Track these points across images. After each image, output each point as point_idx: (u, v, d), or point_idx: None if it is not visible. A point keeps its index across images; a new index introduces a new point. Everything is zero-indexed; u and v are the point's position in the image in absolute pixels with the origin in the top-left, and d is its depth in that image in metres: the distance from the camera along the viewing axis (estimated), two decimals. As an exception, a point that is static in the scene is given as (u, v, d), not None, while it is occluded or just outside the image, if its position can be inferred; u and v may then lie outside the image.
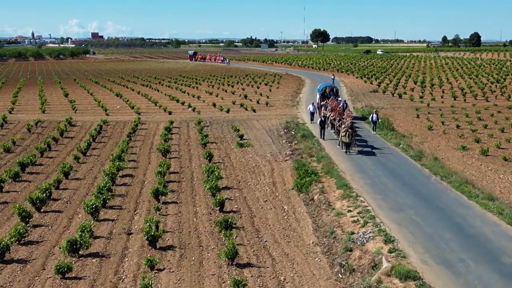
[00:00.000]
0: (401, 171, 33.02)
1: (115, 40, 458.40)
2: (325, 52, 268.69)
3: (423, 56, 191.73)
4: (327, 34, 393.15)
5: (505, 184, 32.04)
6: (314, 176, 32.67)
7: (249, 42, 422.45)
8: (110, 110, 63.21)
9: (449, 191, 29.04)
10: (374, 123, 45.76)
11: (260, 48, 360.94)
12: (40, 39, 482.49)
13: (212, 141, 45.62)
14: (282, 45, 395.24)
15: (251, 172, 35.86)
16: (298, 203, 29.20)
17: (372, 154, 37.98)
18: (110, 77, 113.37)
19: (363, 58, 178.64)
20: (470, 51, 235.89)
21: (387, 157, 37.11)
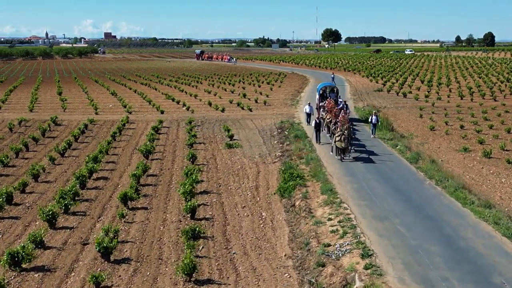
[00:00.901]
0: (393, 175, 30.54)
1: (127, 40, 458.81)
2: (335, 51, 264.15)
3: (434, 56, 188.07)
4: (338, 33, 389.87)
5: (507, 189, 29.65)
6: (299, 180, 30.30)
7: (261, 42, 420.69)
8: (101, 109, 61.42)
9: (442, 197, 26.58)
10: (374, 125, 42.36)
11: (271, 48, 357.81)
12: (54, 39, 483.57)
13: (200, 141, 43.37)
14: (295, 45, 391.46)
15: (235, 175, 33.57)
16: (278, 210, 26.82)
17: (365, 156, 35.35)
18: (112, 76, 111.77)
19: (372, 57, 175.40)
20: (483, 51, 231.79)
21: (381, 159, 34.71)
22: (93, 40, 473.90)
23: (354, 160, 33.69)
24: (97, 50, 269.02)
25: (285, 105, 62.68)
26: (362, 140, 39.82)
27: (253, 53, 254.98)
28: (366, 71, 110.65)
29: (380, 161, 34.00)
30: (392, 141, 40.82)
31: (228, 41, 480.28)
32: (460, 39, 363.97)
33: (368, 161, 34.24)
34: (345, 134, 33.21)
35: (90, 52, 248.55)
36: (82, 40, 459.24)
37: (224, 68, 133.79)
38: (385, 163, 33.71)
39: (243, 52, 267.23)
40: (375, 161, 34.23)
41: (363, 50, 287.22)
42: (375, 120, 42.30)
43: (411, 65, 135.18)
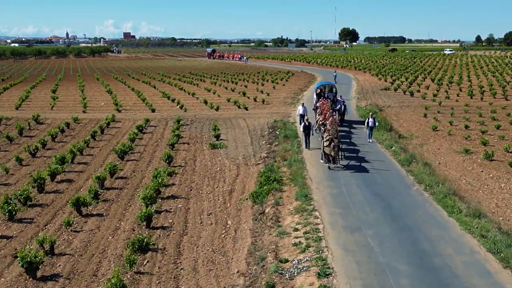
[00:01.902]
0: (379, 179, 27.90)
1: (146, 39, 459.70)
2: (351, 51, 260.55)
3: (451, 54, 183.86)
4: (355, 33, 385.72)
5: (505, 195, 27.08)
6: (276, 184, 27.74)
7: (279, 42, 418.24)
8: (92, 107, 59.53)
9: (428, 204, 23.84)
10: (370, 128, 38.17)
11: (288, 47, 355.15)
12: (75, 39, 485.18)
13: (185, 141, 40.97)
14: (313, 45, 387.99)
15: (211, 178, 31.09)
16: (246, 217, 24.18)
17: (353, 158, 32.57)
18: (116, 74, 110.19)
19: (386, 56, 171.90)
20: (501, 50, 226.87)
21: (370, 161, 32.02)
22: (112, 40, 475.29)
23: (344, 169, 29.95)
24: (110, 49, 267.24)
25: (284, 104, 60.00)
26: (357, 145, 36.10)
27: (269, 52, 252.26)
28: (376, 70, 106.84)
29: (368, 163, 31.32)
30: (388, 142, 37.78)
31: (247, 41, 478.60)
32: (480, 38, 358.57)
33: (354, 163, 31.58)
34: (334, 141, 29.36)
35: (103, 51, 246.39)
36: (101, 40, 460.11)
37: (233, 67, 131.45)
38: (374, 166, 30.99)
39: (259, 51, 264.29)
40: (363, 164, 31.46)
41: (379, 49, 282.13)
42: (372, 123, 37.92)
43: (425, 64, 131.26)
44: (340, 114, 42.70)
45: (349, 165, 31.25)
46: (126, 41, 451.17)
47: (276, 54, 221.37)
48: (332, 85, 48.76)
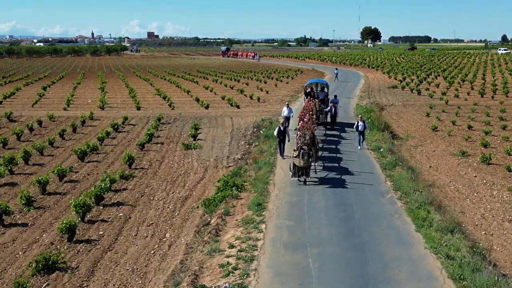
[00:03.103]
0: (351, 185, 24.90)
1: (169, 39, 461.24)
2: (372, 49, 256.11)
3: (472, 53, 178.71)
4: (378, 32, 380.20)
5: (495, 205, 23.93)
6: (234, 190, 24.31)
7: (302, 42, 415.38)
8: (76, 104, 57.32)
9: (396, 216, 20.56)
10: (360, 133, 33.15)
11: (309, 46, 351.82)
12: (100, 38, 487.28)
13: (161, 141, 37.89)
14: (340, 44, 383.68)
15: (171, 182, 28.20)
16: (189, 229, 20.96)
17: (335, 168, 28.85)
18: (121, 72, 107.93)
19: (404, 55, 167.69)
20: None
21: (349, 164, 28.84)
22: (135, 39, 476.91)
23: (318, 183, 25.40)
24: (126, 47, 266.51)
25: (280, 102, 56.75)
26: (344, 152, 31.83)
27: (289, 51, 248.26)
28: (388, 68, 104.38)
29: (344, 167, 28.15)
30: (377, 143, 34.75)
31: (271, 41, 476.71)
32: (506, 38, 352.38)
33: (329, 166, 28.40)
34: (304, 148, 24.76)
35: (120, 50, 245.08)
36: (126, 39, 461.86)
37: (244, 65, 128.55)
38: (350, 170, 27.80)
39: (281, 51, 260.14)
40: (338, 167, 28.37)
41: (399, 48, 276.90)
42: (362, 127, 32.92)
43: (442, 62, 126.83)
44: (330, 117, 38.44)
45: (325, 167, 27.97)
46: (149, 41, 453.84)
47: (295, 52, 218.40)
48: (324, 83, 44.35)
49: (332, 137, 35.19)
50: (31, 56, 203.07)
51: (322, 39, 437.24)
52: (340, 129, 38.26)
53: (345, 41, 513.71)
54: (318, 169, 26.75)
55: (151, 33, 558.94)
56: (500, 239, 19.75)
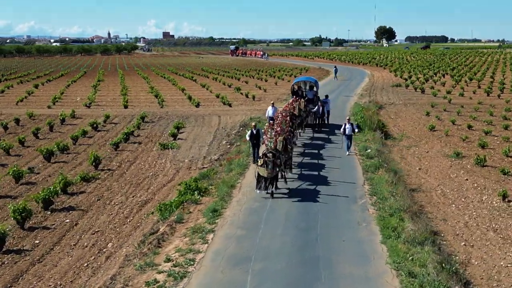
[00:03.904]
0: (324, 188, 22.93)
1: (184, 39, 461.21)
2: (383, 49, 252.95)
3: (485, 52, 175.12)
4: (392, 31, 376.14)
5: (482, 211, 21.73)
6: (196, 194, 22.16)
7: (317, 42, 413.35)
8: (63, 102, 55.66)
9: (365, 224, 18.35)
10: (348, 137, 29.64)
11: (322, 46, 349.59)
12: (117, 38, 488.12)
13: (139, 140, 35.93)
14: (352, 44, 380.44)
15: (135, 185, 26.52)
16: (135, 239, 18.81)
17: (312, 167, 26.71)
18: (124, 70, 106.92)
19: (416, 54, 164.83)
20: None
21: (330, 172, 26.21)
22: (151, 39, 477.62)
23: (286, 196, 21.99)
24: (136, 46, 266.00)
25: (276, 100, 54.18)
26: (328, 158, 28.54)
27: (303, 50, 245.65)
28: (396, 66, 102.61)
29: (324, 175, 25.50)
30: (365, 143, 32.69)
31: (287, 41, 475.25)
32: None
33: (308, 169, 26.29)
34: (268, 156, 21.31)
35: (130, 49, 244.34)
36: (141, 39, 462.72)
37: (251, 64, 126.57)
38: (327, 173, 25.63)
39: (295, 50, 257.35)
40: (316, 169, 26.14)
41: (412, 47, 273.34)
42: (350, 130, 29.31)
43: (453, 61, 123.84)
44: (318, 118, 35.77)
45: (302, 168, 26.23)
46: (164, 40, 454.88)
47: (305, 52, 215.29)
48: (312, 81, 40.44)
49: (319, 140, 32.50)
50: (42, 55, 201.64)
51: (337, 39, 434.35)
52: (330, 131, 35.27)
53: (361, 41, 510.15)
54: (292, 178, 23.99)
55: (167, 33, 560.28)
56: (481, 251, 17.41)
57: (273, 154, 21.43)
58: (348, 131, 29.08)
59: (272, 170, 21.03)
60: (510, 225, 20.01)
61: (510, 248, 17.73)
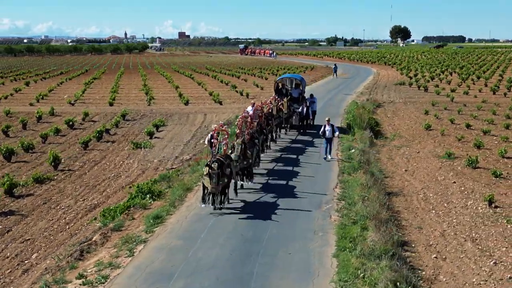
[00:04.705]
0: (287, 192, 20.89)
1: (200, 39, 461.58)
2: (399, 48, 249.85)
3: (499, 51, 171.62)
4: (407, 31, 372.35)
5: (464, 218, 19.56)
6: (148, 197, 19.87)
7: (333, 41, 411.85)
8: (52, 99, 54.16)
9: (321, 234, 16.52)
10: (328, 141, 26.57)
11: (336, 45, 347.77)
12: (134, 38, 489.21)
13: (114, 139, 34.00)
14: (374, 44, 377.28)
15: (90, 187, 24.72)
16: (64, 250, 16.18)
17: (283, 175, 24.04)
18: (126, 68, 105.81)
19: (427, 52, 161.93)
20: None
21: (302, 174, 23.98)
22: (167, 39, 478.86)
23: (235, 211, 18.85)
24: (147, 46, 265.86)
25: (270, 98, 52.07)
26: (304, 165, 25.65)
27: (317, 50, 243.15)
28: (403, 64, 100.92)
29: (293, 185, 22.73)
30: (351, 143, 30.73)
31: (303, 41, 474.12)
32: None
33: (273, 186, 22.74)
34: (213, 167, 17.93)
35: (140, 48, 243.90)
36: (157, 39, 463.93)
37: (257, 62, 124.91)
38: (295, 175, 23.51)
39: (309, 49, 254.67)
40: (286, 185, 22.82)
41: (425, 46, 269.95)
42: (329, 132, 26.25)
43: (464, 59, 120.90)
44: (301, 119, 33.36)
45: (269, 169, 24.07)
46: (180, 40, 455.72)
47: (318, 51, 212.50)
48: (298, 79, 37.30)
49: (301, 144, 30.04)
50: (52, 55, 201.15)
51: (353, 39, 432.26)
52: (316, 134, 32.57)
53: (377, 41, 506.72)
54: (253, 188, 21.25)
55: (182, 33, 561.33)
56: (453, 265, 15.16)
57: (220, 163, 18.11)
58: (328, 133, 26.15)
59: (217, 184, 17.82)
60: (492, 234, 17.57)
61: (487, 262, 15.37)
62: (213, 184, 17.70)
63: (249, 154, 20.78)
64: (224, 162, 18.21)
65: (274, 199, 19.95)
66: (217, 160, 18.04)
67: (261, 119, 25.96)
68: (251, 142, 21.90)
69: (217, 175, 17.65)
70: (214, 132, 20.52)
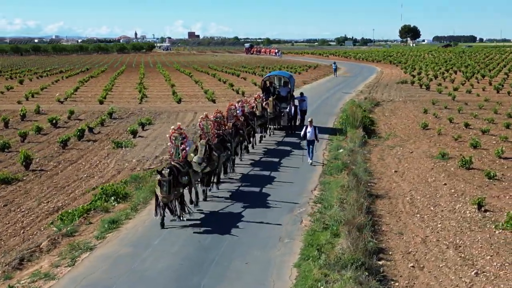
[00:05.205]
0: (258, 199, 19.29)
1: (209, 39, 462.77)
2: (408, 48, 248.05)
3: (508, 50, 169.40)
4: (417, 30, 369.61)
5: (450, 222, 18.07)
6: (112, 199, 18.55)
7: (342, 41, 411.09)
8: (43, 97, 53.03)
9: (287, 241, 15.31)
10: (310, 143, 24.81)
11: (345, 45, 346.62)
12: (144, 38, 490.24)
13: (97, 138, 32.71)
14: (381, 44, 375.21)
15: (58, 189, 23.32)
16: (12, 256, 14.83)
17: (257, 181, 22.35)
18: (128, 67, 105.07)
19: (434, 51, 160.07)
20: None
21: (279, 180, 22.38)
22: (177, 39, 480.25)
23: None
24: (154, 46, 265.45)
25: (267, 96, 50.78)
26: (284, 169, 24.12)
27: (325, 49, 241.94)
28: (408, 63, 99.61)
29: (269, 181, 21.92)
30: (339, 142, 29.53)
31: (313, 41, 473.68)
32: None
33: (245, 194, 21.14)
34: (163, 173, 16.01)
35: (147, 48, 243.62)
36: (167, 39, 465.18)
37: (261, 61, 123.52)
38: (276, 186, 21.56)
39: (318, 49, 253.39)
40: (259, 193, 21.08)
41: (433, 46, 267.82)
42: (311, 134, 24.55)
43: (471, 58, 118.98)
44: (289, 119, 31.87)
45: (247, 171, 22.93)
46: (189, 40, 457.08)
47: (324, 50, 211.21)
48: (287, 76, 35.00)
49: (286, 146, 28.54)
50: (58, 54, 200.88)
51: (363, 38, 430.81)
52: None
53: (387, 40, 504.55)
54: (223, 197, 19.44)
55: (192, 33, 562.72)
56: (430, 276, 13.81)
57: (173, 170, 16.11)
58: (309, 135, 24.43)
59: (168, 193, 15.80)
60: (477, 240, 16.09)
61: (468, 272, 13.91)
62: (164, 193, 15.77)
63: (215, 157, 18.95)
64: (181, 169, 16.44)
65: (243, 206, 18.40)
66: (170, 166, 16.19)
67: (238, 119, 24.32)
68: (218, 144, 20.12)
69: (168, 183, 15.69)
70: (171, 135, 18.07)
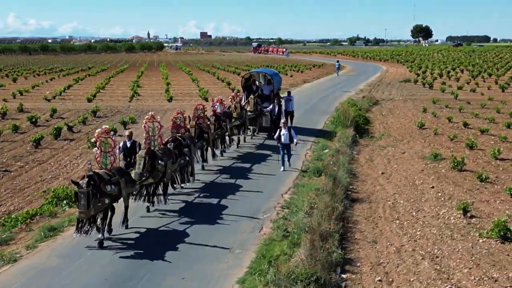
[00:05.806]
0: (211, 208, 17.70)
1: (221, 39, 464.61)
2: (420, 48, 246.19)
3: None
4: (429, 30, 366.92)
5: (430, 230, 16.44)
6: (64, 203, 18.09)
7: (355, 41, 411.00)
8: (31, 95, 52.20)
9: (238, 252, 14.09)
10: (285, 147, 22.57)
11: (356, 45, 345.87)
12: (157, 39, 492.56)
13: (75, 137, 31.60)
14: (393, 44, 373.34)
15: (16, 191, 22.10)
16: None
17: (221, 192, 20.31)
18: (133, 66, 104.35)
19: (444, 51, 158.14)
20: None
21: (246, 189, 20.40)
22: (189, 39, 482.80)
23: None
24: (162, 45, 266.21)
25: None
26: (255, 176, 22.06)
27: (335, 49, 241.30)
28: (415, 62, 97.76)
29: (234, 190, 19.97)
30: (324, 143, 28.05)
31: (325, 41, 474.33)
32: None
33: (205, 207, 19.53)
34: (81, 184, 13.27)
35: (156, 47, 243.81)
36: (179, 39, 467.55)
37: (267, 60, 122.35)
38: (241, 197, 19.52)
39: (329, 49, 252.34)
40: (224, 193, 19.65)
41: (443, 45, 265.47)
42: (285, 137, 22.24)
43: (480, 57, 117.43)
44: (273, 121, 29.50)
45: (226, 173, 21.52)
46: (201, 40, 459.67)
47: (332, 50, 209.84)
48: (270, 74, 32.02)
49: (266, 150, 26.72)
50: (67, 54, 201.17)
51: (376, 38, 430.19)
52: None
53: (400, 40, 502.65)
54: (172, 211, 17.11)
55: (204, 33, 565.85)
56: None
57: (93, 180, 13.49)
58: (284, 138, 22.15)
59: (86, 208, 13.12)
60: (457, 250, 14.44)
61: (441, 287, 12.00)
62: (81, 207, 13.09)
63: (160, 167, 16.55)
64: (104, 178, 13.84)
65: (194, 218, 16.57)
66: (90, 175, 13.44)
67: (203, 120, 22.41)
68: (169, 150, 18.08)
69: (86, 196, 13.02)
70: (96, 139, 15.39)
